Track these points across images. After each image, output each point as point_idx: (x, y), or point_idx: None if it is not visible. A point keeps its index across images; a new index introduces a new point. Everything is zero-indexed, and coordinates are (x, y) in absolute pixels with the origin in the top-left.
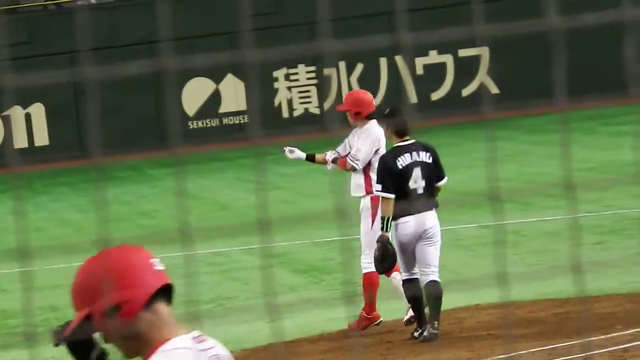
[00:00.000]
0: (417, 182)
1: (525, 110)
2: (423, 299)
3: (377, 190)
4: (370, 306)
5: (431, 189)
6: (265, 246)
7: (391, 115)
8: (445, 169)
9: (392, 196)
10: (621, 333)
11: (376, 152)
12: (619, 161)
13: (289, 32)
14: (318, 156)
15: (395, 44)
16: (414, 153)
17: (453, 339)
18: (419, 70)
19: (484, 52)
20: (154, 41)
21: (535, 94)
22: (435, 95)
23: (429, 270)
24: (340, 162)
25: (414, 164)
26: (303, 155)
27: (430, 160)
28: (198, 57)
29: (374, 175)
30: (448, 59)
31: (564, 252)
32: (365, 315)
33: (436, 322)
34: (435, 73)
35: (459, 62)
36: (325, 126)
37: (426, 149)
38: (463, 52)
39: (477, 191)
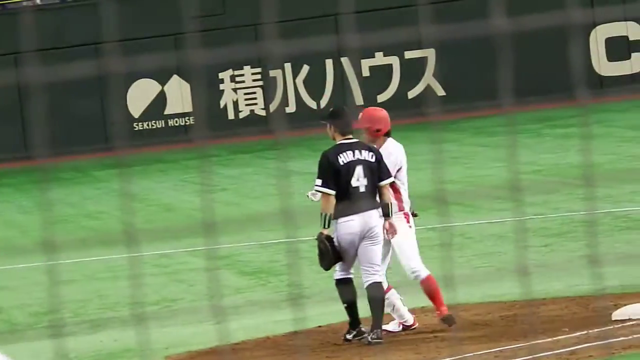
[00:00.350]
0: (359, 180)
1: (472, 112)
2: (356, 300)
3: (316, 186)
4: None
5: (374, 189)
6: (210, 248)
7: (335, 115)
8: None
9: (333, 192)
10: (568, 336)
11: (398, 170)
12: (565, 164)
13: (235, 34)
14: None
15: (341, 45)
16: (357, 151)
17: (399, 341)
18: (365, 72)
19: (430, 54)
20: (99, 42)
21: (481, 96)
22: (382, 97)
23: (373, 270)
24: None
25: (356, 162)
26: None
27: (373, 160)
28: (143, 58)
29: (404, 194)
30: (394, 60)
31: (511, 254)
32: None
33: (379, 330)
34: (382, 75)
35: (405, 64)
36: (271, 128)
37: (369, 148)
38: (409, 54)
39: (424, 193)
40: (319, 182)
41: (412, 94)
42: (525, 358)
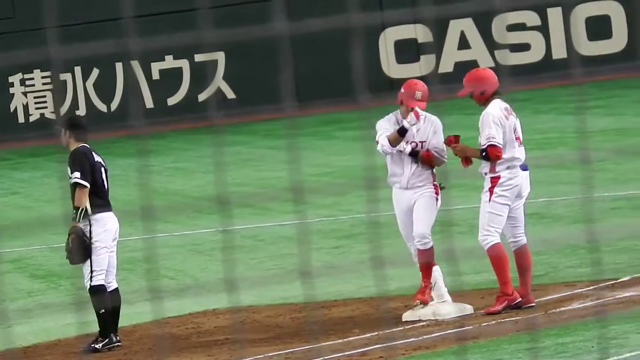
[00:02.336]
0: (105, 181)
1: (260, 115)
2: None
3: (75, 177)
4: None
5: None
6: (0, 252)
7: (73, 123)
8: (182, 174)
9: (88, 185)
10: (358, 337)
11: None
12: (355, 166)
13: (24, 37)
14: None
15: (131, 48)
16: (97, 156)
17: (191, 344)
18: (155, 75)
19: (219, 57)
20: None
21: (271, 99)
22: (172, 100)
23: (113, 275)
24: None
25: (101, 164)
26: None
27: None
28: None
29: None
30: (184, 63)
31: (302, 256)
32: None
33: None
34: (172, 78)
35: (195, 67)
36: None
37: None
38: (199, 57)
39: (214, 196)
40: (77, 174)
41: (202, 96)
42: (316, 359)
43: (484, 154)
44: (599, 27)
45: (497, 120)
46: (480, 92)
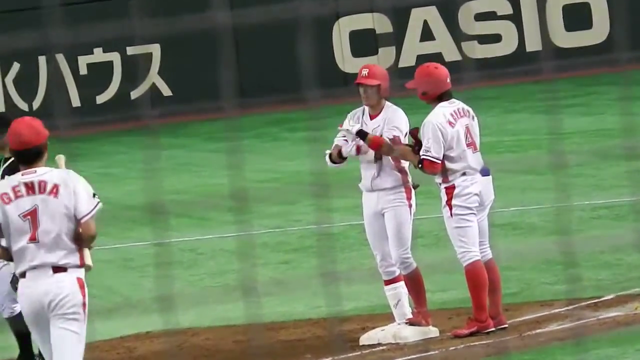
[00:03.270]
0: None
1: (200, 114)
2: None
3: None
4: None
5: None
6: None
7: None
8: (112, 180)
9: None
10: None
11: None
12: (305, 171)
13: None
14: None
15: (56, 40)
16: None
17: None
18: (82, 70)
19: (154, 49)
20: None
21: (211, 97)
22: (101, 98)
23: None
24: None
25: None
26: None
27: None
28: None
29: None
30: (115, 57)
31: (246, 272)
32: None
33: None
34: (101, 73)
35: (127, 61)
36: None
37: None
38: (132, 50)
39: (148, 205)
40: None
41: (135, 94)
42: None
43: (420, 165)
44: (577, 17)
45: (437, 132)
46: (423, 92)
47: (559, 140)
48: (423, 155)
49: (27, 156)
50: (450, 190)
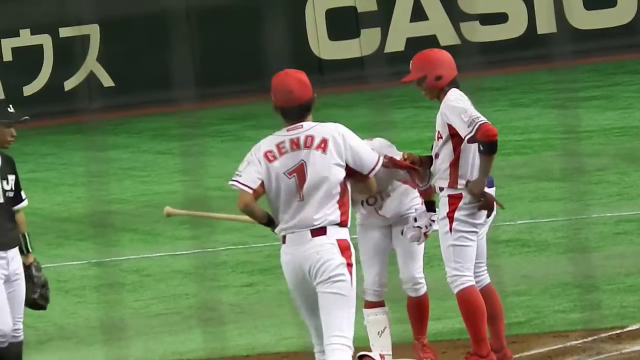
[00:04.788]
0: None
1: (147, 108)
2: None
3: None
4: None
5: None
6: None
7: None
8: (42, 187)
9: None
10: None
11: None
12: None
13: None
14: None
15: None
16: None
17: None
18: (7, 56)
19: (92, 31)
20: None
21: (161, 87)
22: (29, 89)
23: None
24: None
25: None
26: None
27: None
28: None
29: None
30: (45, 40)
31: (202, 297)
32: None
33: None
34: (29, 60)
35: (60, 45)
36: None
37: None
38: (65, 32)
39: (84, 217)
40: None
41: (69, 84)
42: None
43: (473, 135)
44: None
45: (467, 100)
46: (436, 76)
47: (576, 140)
48: (478, 121)
49: (297, 112)
50: (455, 199)
